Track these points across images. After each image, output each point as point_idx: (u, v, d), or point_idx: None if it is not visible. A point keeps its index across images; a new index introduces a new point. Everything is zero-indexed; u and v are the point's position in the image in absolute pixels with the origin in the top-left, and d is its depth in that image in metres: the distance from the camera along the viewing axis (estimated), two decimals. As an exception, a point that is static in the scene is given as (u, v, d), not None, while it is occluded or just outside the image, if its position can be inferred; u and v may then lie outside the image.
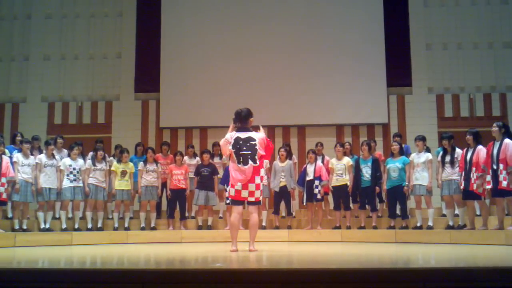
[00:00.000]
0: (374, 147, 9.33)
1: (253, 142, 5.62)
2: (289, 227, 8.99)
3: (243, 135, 5.66)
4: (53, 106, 12.25)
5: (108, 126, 12.10)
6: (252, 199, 5.61)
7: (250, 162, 5.56)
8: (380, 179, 8.67)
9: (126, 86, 12.19)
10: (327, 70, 11.72)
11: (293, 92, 11.62)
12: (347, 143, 9.69)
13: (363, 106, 11.55)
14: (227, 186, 5.75)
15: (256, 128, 5.87)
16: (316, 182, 8.76)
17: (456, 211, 8.25)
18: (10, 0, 12.74)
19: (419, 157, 8.35)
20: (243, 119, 5.73)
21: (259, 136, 5.70)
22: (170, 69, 12.00)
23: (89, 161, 8.93)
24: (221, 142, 5.81)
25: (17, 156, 8.34)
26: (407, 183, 8.38)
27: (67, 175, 8.64)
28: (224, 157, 7.25)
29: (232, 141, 5.64)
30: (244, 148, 5.59)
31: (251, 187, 5.56)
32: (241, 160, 5.57)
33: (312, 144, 9.97)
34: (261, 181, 5.70)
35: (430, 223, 8.25)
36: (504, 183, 7.00)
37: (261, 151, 5.63)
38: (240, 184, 5.56)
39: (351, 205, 8.94)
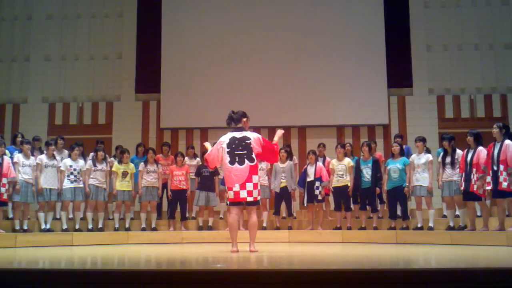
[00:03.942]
0: (375, 148, 9.35)
1: (248, 142, 5.66)
2: (290, 228, 8.99)
3: (238, 135, 5.72)
4: (53, 107, 12.27)
5: (108, 126, 12.11)
6: (251, 198, 5.61)
7: (247, 161, 5.60)
8: (380, 180, 8.68)
9: (126, 87, 12.20)
10: (327, 71, 11.72)
11: (293, 93, 11.62)
12: (347, 144, 9.69)
13: (363, 107, 11.55)
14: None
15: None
16: (317, 183, 8.77)
17: (457, 212, 8.25)
18: (11, 1, 12.75)
19: (420, 158, 8.35)
20: (236, 120, 5.80)
21: (254, 135, 5.75)
22: (171, 70, 12.00)
23: (89, 162, 8.94)
24: (210, 151, 5.80)
25: (18, 156, 8.34)
26: (407, 184, 8.38)
27: (68, 176, 8.65)
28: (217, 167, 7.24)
29: (228, 140, 5.68)
30: (240, 147, 5.63)
31: (249, 186, 5.57)
32: (237, 159, 5.60)
33: (312, 145, 9.96)
34: (259, 181, 5.70)
35: (430, 224, 8.25)
36: (505, 184, 7.01)
37: (256, 150, 5.65)
38: (237, 185, 5.57)
39: (351, 206, 8.95)
